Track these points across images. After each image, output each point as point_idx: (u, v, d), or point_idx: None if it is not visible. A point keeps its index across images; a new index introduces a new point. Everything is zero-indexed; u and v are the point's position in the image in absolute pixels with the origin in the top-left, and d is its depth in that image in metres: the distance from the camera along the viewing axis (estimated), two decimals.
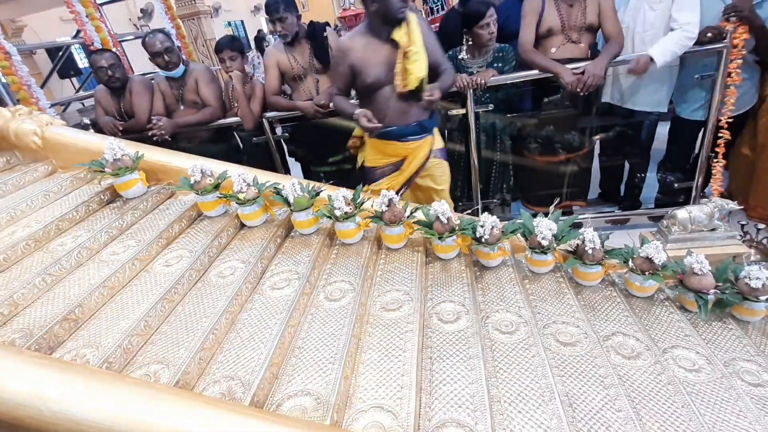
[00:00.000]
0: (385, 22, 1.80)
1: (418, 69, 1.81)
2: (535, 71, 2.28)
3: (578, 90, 2.16)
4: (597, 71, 2.10)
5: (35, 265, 1.37)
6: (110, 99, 2.66)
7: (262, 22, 12.35)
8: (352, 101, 2.19)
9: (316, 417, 0.97)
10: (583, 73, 2.14)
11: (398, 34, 1.80)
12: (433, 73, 1.94)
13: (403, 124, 1.98)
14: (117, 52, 3.27)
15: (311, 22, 2.55)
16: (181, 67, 2.57)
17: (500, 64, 2.41)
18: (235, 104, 2.62)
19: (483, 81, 2.26)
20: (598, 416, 1.02)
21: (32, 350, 1.07)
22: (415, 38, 1.81)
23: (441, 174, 2.20)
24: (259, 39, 7.12)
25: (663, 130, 2.60)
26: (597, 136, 2.59)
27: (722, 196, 2.00)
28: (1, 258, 1.37)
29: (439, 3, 5.04)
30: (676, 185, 2.51)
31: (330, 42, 2.52)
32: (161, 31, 2.64)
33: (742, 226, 1.85)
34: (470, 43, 2.39)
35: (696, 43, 2.10)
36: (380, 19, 1.80)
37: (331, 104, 2.48)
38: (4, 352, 0.93)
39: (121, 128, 2.58)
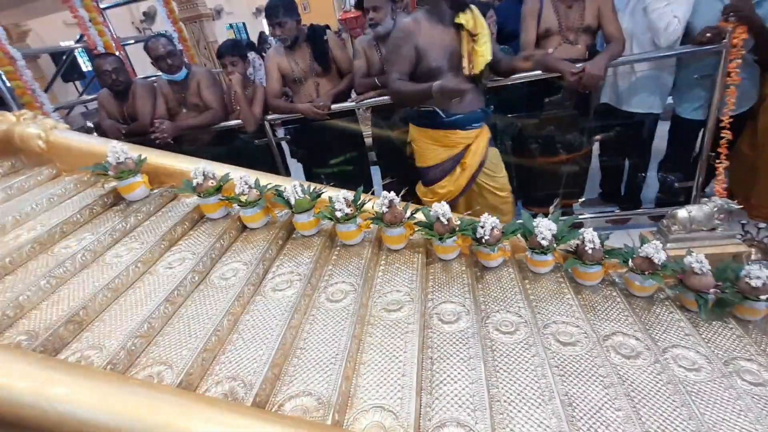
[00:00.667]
0: (451, 6, 1.81)
1: (486, 52, 1.84)
2: (536, 72, 2.28)
3: (582, 89, 2.16)
4: (595, 71, 2.10)
5: (40, 268, 1.39)
6: (114, 103, 2.68)
7: (263, 24, 12.39)
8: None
9: (318, 417, 0.98)
10: (583, 70, 2.14)
11: (464, 18, 1.81)
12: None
13: (468, 111, 1.98)
14: (120, 56, 3.30)
15: (311, 25, 2.57)
16: (184, 71, 2.60)
17: None
18: (237, 107, 2.64)
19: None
20: (597, 415, 1.03)
21: (38, 352, 1.08)
22: (482, 22, 1.84)
23: (497, 162, 2.22)
24: (260, 41, 7.14)
25: (664, 129, 2.60)
26: (597, 137, 2.59)
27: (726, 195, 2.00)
28: (7, 261, 1.39)
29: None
30: (676, 185, 2.51)
31: (330, 45, 2.53)
32: (163, 34, 2.67)
33: (743, 225, 1.85)
34: None
35: (695, 43, 2.11)
36: (447, 2, 1.81)
37: (331, 106, 2.50)
38: (10, 354, 0.95)
39: (124, 132, 2.61)
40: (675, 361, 1.23)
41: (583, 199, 2.78)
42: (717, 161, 2.25)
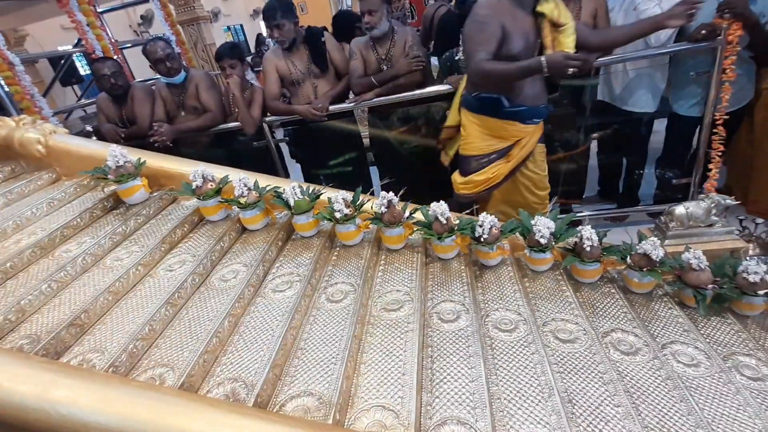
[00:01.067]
0: None
1: (571, 44, 1.75)
2: None
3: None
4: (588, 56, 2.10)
5: (41, 272, 1.40)
6: (112, 106, 2.69)
7: (261, 26, 12.38)
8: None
9: (319, 417, 0.98)
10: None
11: (547, 8, 1.74)
12: None
13: (534, 105, 1.92)
14: (118, 60, 3.31)
15: (309, 27, 2.57)
16: (182, 74, 2.60)
17: None
18: (236, 110, 2.65)
19: None
20: (597, 412, 1.04)
21: (40, 355, 1.09)
22: (567, 13, 1.77)
23: (542, 160, 2.17)
24: (257, 43, 7.14)
25: (661, 126, 2.61)
26: (594, 135, 2.60)
27: (718, 191, 2.01)
28: (8, 265, 1.40)
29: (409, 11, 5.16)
30: (674, 181, 2.52)
31: (328, 46, 2.54)
32: (161, 38, 2.67)
33: (741, 220, 1.85)
34: None
35: (690, 41, 2.12)
36: None
37: (329, 107, 2.50)
38: (12, 358, 0.96)
39: (123, 135, 2.61)
40: (674, 356, 1.24)
41: (582, 197, 2.78)
42: (712, 158, 2.25)
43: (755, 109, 2.30)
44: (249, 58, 5.85)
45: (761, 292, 1.33)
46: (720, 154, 2.24)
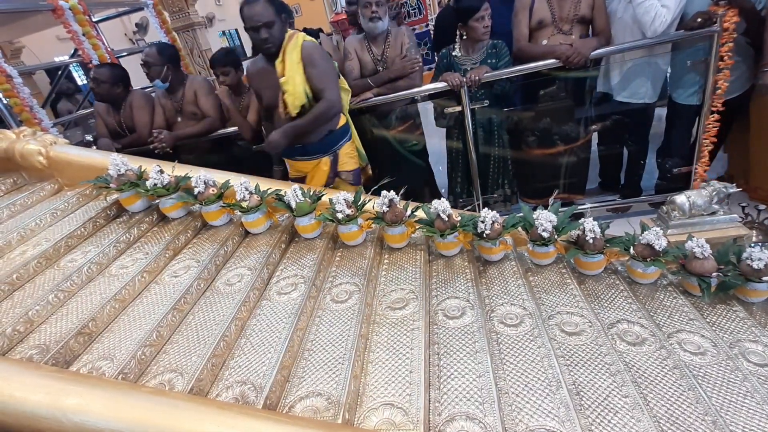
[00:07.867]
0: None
1: (290, 91, 1.98)
2: (529, 65, 2.29)
3: (566, 62, 2.19)
4: (583, 50, 2.14)
5: (47, 282, 1.41)
6: (110, 112, 2.69)
7: None
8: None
9: (328, 417, 0.99)
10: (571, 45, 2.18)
11: (278, 64, 1.97)
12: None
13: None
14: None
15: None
16: (159, 82, 2.56)
17: (494, 60, 2.42)
18: None
19: (477, 78, 2.28)
20: (605, 403, 1.04)
21: (50, 365, 1.10)
22: (290, 64, 1.96)
23: None
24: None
25: (663, 114, 2.60)
26: (593, 126, 2.60)
27: (720, 179, 2.00)
28: (14, 277, 1.41)
29: (416, 7, 5.06)
30: (674, 170, 2.51)
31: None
32: (157, 43, 2.67)
33: (743, 207, 1.85)
34: (464, 38, 2.41)
35: (687, 29, 2.11)
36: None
37: None
38: (23, 368, 0.96)
39: (119, 146, 2.61)
40: (680, 345, 1.24)
41: (584, 195, 2.77)
42: (704, 145, 2.25)
43: (752, 95, 2.29)
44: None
45: (766, 278, 1.33)
46: (715, 140, 2.23)
